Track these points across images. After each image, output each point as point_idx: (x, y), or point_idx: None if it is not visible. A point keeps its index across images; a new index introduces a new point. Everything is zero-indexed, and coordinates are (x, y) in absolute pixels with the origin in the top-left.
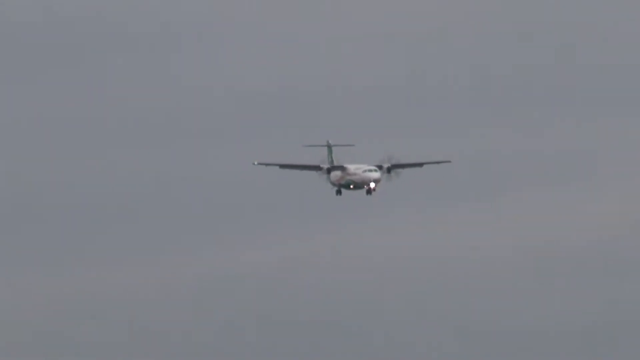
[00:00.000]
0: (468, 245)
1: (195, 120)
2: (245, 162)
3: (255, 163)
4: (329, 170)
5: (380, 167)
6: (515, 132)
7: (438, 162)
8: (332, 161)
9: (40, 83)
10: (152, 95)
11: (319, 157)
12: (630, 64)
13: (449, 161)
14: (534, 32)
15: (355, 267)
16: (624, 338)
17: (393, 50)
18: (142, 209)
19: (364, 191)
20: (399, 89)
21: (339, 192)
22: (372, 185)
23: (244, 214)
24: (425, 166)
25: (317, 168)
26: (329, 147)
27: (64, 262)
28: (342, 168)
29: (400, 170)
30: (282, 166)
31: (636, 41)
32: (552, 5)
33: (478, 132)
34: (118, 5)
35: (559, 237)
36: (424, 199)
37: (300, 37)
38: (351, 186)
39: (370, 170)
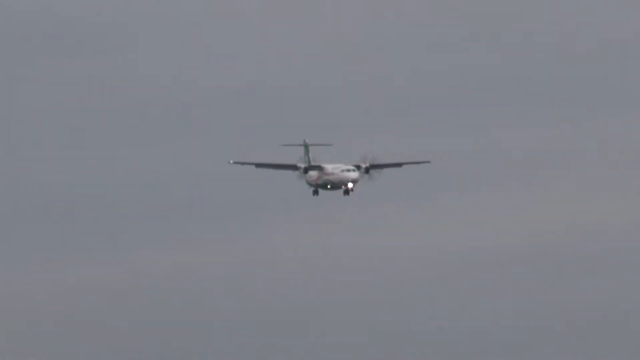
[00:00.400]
0: (448, 246)
1: (170, 118)
2: (221, 160)
3: (231, 162)
4: (306, 170)
5: (358, 167)
6: (496, 131)
7: (417, 163)
8: (309, 161)
9: (25, 81)
10: (128, 94)
11: (295, 156)
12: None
13: (429, 161)
14: (506, 32)
15: (332, 268)
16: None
17: (371, 50)
18: (117, 207)
19: (341, 191)
20: (378, 88)
21: (315, 193)
22: (350, 185)
23: (218, 213)
24: (404, 166)
25: (294, 167)
26: (306, 146)
27: (36, 258)
28: (319, 168)
29: (379, 170)
30: (258, 165)
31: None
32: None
33: (457, 132)
34: (98, 5)
35: (539, 236)
36: (403, 199)
37: (278, 35)
38: (328, 186)
39: (348, 170)
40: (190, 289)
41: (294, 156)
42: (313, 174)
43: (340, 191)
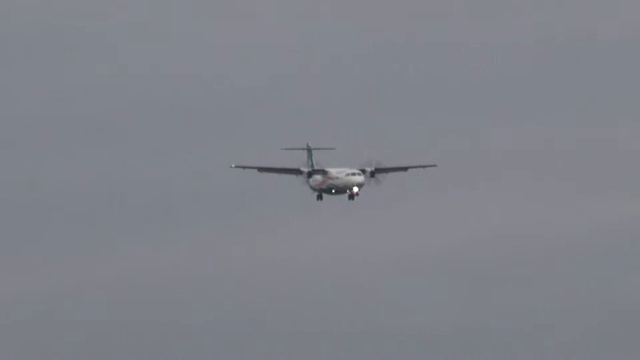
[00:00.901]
0: (458, 252)
1: (171, 121)
2: (221, 163)
3: (233, 166)
4: (309, 174)
5: (363, 171)
6: (501, 132)
7: (424, 167)
8: (312, 165)
9: (25, 80)
10: (129, 96)
11: (297, 160)
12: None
13: (435, 165)
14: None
15: (335, 274)
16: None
17: (375, 52)
18: (117, 209)
19: (345, 196)
20: (382, 90)
21: (319, 197)
22: (355, 189)
23: (220, 218)
24: (410, 170)
25: (297, 172)
26: (309, 150)
27: (36, 259)
28: (323, 172)
29: (384, 174)
30: (261, 169)
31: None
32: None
33: (461, 133)
34: (99, 6)
35: (546, 234)
36: (409, 204)
37: (280, 38)
38: (333, 191)
39: (353, 174)
40: (191, 292)
41: (295, 160)
42: (317, 178)
43: (345, 196)
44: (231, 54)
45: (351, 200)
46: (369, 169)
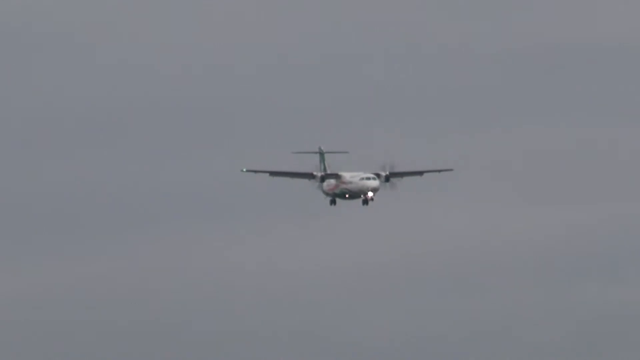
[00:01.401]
0: (468, 254)
1: (171, 122)
2: (232, 168)
3: (244, 170)
4: (322, 178)
5: (378, 175)
6: (505, 134)
7: (439, 171)
8: (324, 169)
9: (27, 78)
10: (132, 96)
11: (308, 164)
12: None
13: (452, 169)
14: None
15: (348, 282)
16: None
17: (390, 54)
18: (124, 213)
19: (360, 201)
20: (383, 91)
21: (333, 202)
22: (370, 194)
23: (232, 222)
24: (426, 175)
25: (310, 176)
26: (322, 154)
27: (36, 259)
28: (336, 176)
29: (399, 178)
30: (273, 173)
31: None
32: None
33: (479, 139)
34: (104, 7)
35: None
36: (425, 209)
37: (280, 37)
38: (347, 195)
39: (367, 178)
40: (194, 293)
41: (307, 164)
42: (330, 182)
43: (359, 200)
44: (231, 54)
45: (365, 205)
46: (383, 173)
